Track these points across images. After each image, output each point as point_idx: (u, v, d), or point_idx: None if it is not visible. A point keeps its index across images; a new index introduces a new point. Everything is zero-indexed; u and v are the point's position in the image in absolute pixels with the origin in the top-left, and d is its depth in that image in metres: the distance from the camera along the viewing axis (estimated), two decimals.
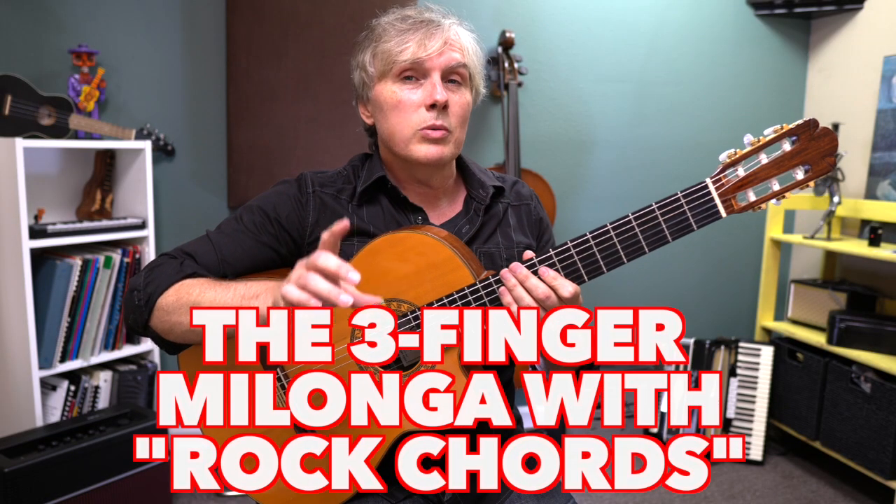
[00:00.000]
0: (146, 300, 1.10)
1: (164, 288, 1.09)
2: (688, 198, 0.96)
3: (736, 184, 0.95)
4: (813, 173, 0.93)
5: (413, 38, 1.11)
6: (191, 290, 1.07)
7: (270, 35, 2.44)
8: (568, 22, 2.98)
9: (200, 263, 1.13)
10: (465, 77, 1.15)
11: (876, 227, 2.61)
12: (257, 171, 2.50)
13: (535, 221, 1.29)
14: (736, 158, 0.95)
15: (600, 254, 1.00)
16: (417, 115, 1.12)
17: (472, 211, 1.21)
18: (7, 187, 2.17)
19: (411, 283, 1.05)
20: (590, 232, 1.00)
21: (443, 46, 1.11)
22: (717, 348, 2.87)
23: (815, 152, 0.92)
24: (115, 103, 2.62)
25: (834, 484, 2.67)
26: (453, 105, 1.13)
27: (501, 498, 1.22)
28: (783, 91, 3.23)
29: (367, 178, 1.19)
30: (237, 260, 1.15)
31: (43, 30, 2.52)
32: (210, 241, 1.16)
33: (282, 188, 1.20)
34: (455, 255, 1.04)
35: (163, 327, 1.10)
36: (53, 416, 2.31)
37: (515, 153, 2.77)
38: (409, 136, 1.13)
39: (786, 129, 0.93)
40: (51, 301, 2.26)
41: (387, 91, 1.14)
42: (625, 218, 0.98)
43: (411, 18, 1.13)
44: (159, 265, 1.12)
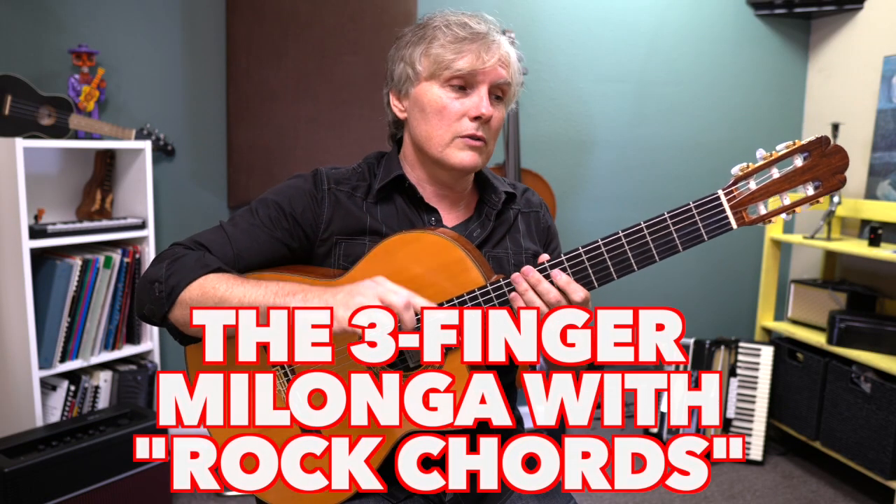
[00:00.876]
0: (168, 293, 1.08)
1: (188, 281, 1.07)
2: (700, 209, 0.98)
3: (747, 196, 0.97)
4: (823, 189, 0.95)
5: (471, 49, 1.12)
6: (217, 286, 1.06)
7: (270, 35, 2.44)
8: (568, 22, 2.98)
9: (216, 257, 1.13)
10: (506, 94, 1.18)
11: (876, 227, 2.61)
12: (257, 171, 2.50)
13: (544, 229, 1.31)
14: (748, 172, 0.97)
15: (611, 261, 1.01)
16: (460, 123, 1.14)
17: (484, 215, 1.22)
18: (7, 187, 2.17)
19: (422, 284, 1.06)
20: (602, 239, 1.01)
21: (497, 63, 1.13)
22: (717, 348, 2.87)
23: (825, 169, 0.95)
24: (115, 103, 2.62)
25: (834, 484, 2.67)
26: (494, 120, 1.16)
27: (502, 498, 1.22)
28: (783, 91, 3.23)
29: (384, 176, 1.20)
30: (251, 255, 1.15)
31: (43, 30, 2.52)
32: (225, 233, 1.16)
33: (298, 182, 1.20)
34: (467, 256, 1.05)
35: (183, 320, 1.09)
36: (53, 416, 2.31)
37: (515, 153, 2.77)
38: (447, 142, 1.15)
39: (798, 144, 0.95)
40: (51, 301, 2.26)
41: (433, 93, 1.14)
42: (636, 226, 1.00)
43: (470, 27, 1.14)
44: (180, 257, 1.11)
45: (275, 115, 2.46)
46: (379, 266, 1.08)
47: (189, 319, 1.07)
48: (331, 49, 2.46)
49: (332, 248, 1.17)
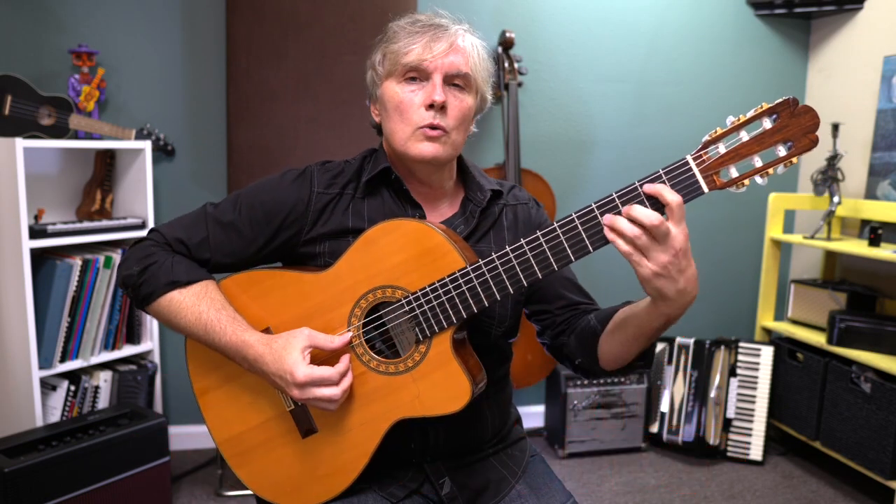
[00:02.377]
0: (140, 300, 1.16)
1: (157, 295, 1.14)
2: (669, 174, 0.96)
3: (717, 160, 0.95)
4: (795, 150, 0.93)
5: (419, 41, 1.13)
6: (181, 309, 1.13)
7: (270, 35, 2.44)
8: (568, 22, 2.98)
9: (193, 254, 1.17)
10: (467, 82, 1.16)
11: (876, 227, 2.61)
12: (257, 171, 2.50)
13: (530, 219, 1.29)
14: (717, 136, 0.95)
15: (586, 233, 0.99)
16: (418, 114, 1.14)
17: (469, 212, 1.22)
18: (7, 187, 2.17)
19: (405, 270, 1.07)
20: (575, 212, 0.99)
21: (447, 50, 1.13)
22: (717, 348, 2.87)
23: (796, 129, 0.92)
24: (115, 103, 2.62)
25: (834, 484, 2.67)
26: (452, 107, 1.14)
27: (501, 495, 1.23)
28: (783, 91, 3.23)
29: (372, 168, 1.21)
30: (227, 254, 1.19)
31: (43, 30, 2.52)
32: (206, 227, 1.18)
33: (286, 181, 1.21)
34: (446, 240, 1.06)
35: (158, 320, 1.18)
36: (53, 416, 2.31)
37: (515, 153, 2.77)
38: (409, 135, 1.15)
39: (765, 107, 0.93)
40: (51, 301, 2.26)
41: (391, 90, 1.16)
42: (608, 197, 0.98)
43: (421, 22, 1.16)
44: (151, 264, 1.15)
45: (275, 115, 2.46)
46: (362, 256, 1.09)
47: (164, 322, 1.17)
48: (331, 49, 2.46)
49: (317, 247, 1.18)
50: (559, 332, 1.23)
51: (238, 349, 1.09)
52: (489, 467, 1.24)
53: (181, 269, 1.14)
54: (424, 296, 1.06)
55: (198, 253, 1.17)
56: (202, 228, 1.18)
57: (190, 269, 1.16)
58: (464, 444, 1.21)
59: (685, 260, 0.95)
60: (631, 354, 1.10)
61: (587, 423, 2.85)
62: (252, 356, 1.08)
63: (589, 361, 1.17)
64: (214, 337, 1.11)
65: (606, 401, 2.85)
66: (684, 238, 0.94)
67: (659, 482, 2.67)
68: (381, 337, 1.12)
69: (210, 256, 1.18)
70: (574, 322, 1.22)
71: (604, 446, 2.89)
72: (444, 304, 1.05)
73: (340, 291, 1.11)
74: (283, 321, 1.14)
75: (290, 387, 1.05)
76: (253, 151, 2.49)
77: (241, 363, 1.11)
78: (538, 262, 1.01)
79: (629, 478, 2.70)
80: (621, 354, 1.11)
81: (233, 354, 1.11)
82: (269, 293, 1.15)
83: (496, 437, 1.27)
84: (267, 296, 1.16)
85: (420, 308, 1.06)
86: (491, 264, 1.03)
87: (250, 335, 1.09)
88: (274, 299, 1.15)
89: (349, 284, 1.10)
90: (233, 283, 1.18)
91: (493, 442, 1.27)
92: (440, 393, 1.06)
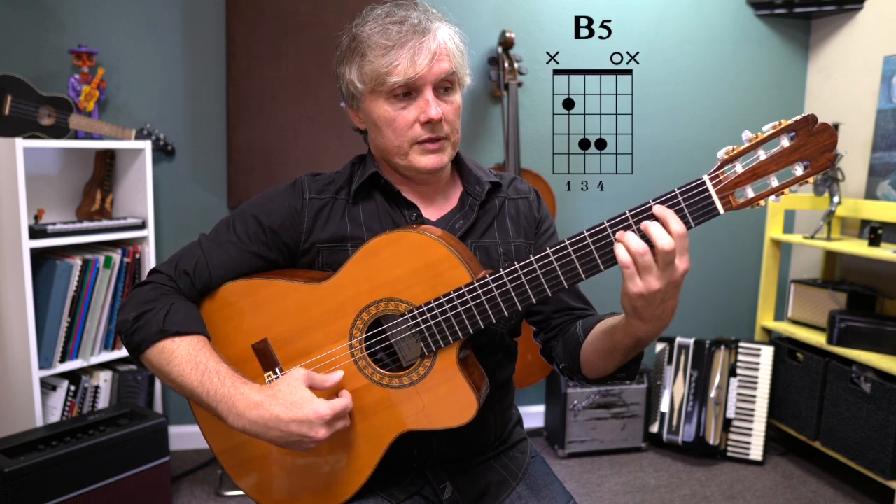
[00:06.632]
0: (133, 348, 1.11)
1: (149, 343, 1.09)
2: (685, 195, 0.94)
3: (734, 180, 0.93)
4: (812, 169, 0.91)
5: (401, 57, 1.07)
6: (171, 362, 1.07)
7: (270, 35, 2.44)
8: (568, 22, 2.98)
9: (196, 282, 1.14)
10: (454, 81, 1.14)
11: (876, 227, 2.61)
12: (257, 171, 2.50)
13: (532, 214, 1.27)
14: (734, 155, 0.93)
15: (597, 252, 0.98)
16: (413, 130, 1.11)
17: (468, 206, 1.20)
18: (7, 187, 2.17)
19: (408, 283, 1.05)
20: (587, 230, 0.98)
21: (432, 60, 1.08)
22: (717, 348, 2.86)
23: (814, 148, 0.91)
24: (115, 103, 2.62)
25: (834, 484, 2.67)
26: (446, 113, 1.12)
27: (501, 497, 1.23)
28: (783, 91, 3.23)
29: (361, 175, 1.19)
30: (228, 271, 1.16)
31: (43, 30, 2.52)
32: (203, 252, 1.16)
33: (277, 194, 1.19)
34: (452, 253, 1.03)
35: (151, 371, 1.13)
36: (53, 416, 2.31)
37: (515, 153, 2.77)
38: (406, 150, 1.13)
39: (784, 124, 0.91)
40: (51, 301, 2.26)
41: (380, 108, 1.12)
42: (622, 215, 0.96)
43: (394, 30, 1.08)
44: (146, 311, 1.10)
45: (275, 115, 2.46)
46: (364, 267, 1.06)
47: (156, 373, 1.12)
48: (331, 49, 2.44)
49: (315, 256, 1.16)
50: (551, 336, 1.23)
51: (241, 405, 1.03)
52: (490, 470, 1.24)
53: (176, 319, 1.09)
54: (430, 311, 1.03)
55: (200, 278, 1.14)
56: (199, 254, 1.16)
57: (186, 318, 1.10)
58: (466, 450, 1.21)
59: (673, 291, 0.95)
60: (609, 367, 1.10)
61: (587, 423, 2.85)
62: (264, 417, 1.01)
63: (572, 368, 1.17)
64: (210, 388, 1.04)
65: (606, 401, 2.85)
66: (683, 273, 0.94)
67: (659, 482, 2.67)
68: (384, 351, 1.10)
69: (211, 277, 1.15)
70: (566, 327, 1.21)
71: (604, 446, 2.89)
72: (451, 319, 1.02)
73: (341, 303, 1.08)
74: (281, 332, 1.11)
75: (316, 429, 0.99)
76: (253, 151, 2.49)
77: (234, 421, 1.03)
78: (548, 279, 1.00)
79: (629, 478, 2.70)
80: (599, 365, 1.11)
81: (227, 410, 1.03)
82: (267, 303, 1.12)
83: (497, 441, 1.26)
84: (264, 306, 1.12)
85: (426, 323, 1.04)
86: (499, 280, 1.01)
87: (251, 389, 1.04)
88: (271, 310, 1.12)
89: (350, 296, 1.07)
90: (229, 291, 1.15)
91: (495, 445, 1.26)
92: (446, 407, 1.04)
